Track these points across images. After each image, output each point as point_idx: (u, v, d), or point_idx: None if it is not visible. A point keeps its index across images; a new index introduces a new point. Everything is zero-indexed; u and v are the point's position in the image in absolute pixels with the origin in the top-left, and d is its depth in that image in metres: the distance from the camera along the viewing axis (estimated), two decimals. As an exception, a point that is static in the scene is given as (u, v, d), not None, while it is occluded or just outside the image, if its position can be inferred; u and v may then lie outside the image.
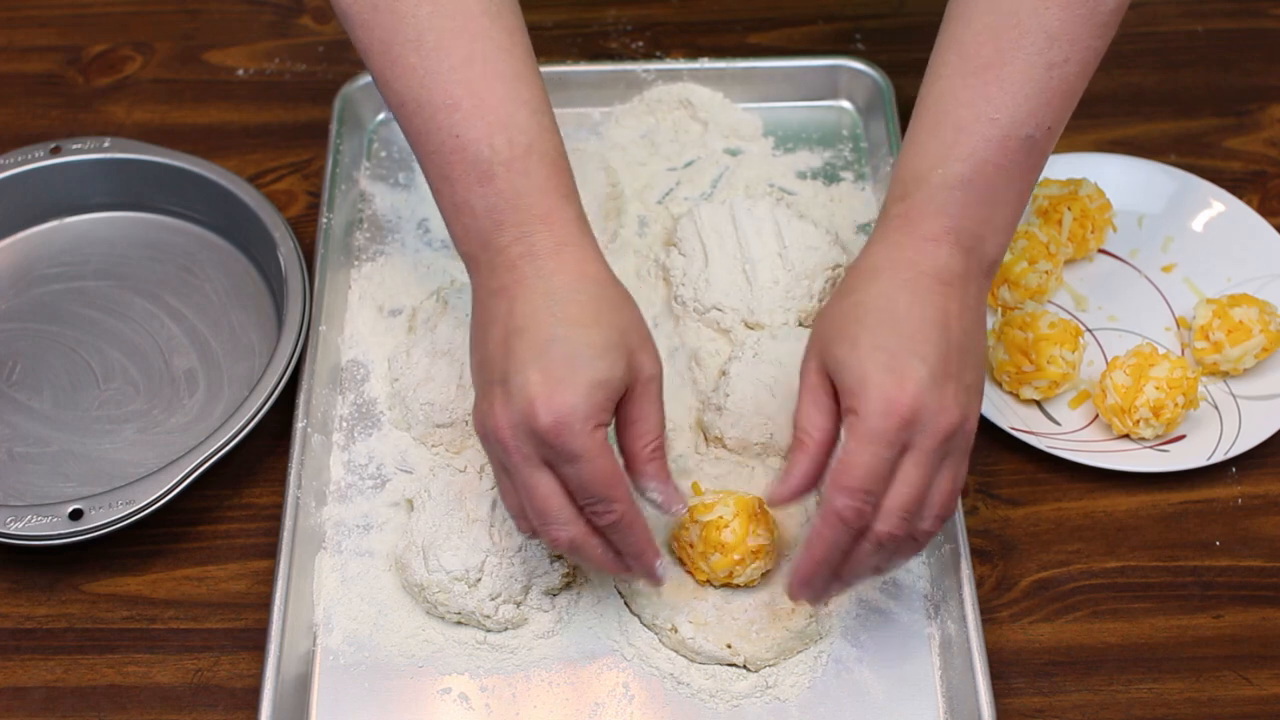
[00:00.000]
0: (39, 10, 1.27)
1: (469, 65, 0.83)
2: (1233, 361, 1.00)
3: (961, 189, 0.80)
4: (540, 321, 0.79)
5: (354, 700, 0.88)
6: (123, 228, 1.11)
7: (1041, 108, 0.81)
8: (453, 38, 0.83)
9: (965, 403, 0.79)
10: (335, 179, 1.09)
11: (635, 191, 1.11)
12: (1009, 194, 0.82)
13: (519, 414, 0.78)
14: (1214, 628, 0.92)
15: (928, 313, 0.79)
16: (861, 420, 0.77)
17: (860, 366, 0.78)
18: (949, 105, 0.82)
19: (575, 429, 0.77)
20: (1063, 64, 0.81)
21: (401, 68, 0.84)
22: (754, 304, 1.01)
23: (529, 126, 0.83)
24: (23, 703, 0.89)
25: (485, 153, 0.82)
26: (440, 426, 0.97)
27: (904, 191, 0.82)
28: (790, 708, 0.87)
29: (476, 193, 0.82)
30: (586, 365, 0.78)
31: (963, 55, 0.82)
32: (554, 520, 0.80)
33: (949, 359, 0.78)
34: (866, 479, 0.77)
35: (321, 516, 0.95)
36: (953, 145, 0.81)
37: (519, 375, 0.78)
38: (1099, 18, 0.81)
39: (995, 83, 0.81)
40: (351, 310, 1.05)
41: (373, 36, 0.85)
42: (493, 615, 0.88)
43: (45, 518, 0.89)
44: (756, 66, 1.16)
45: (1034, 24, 0.80)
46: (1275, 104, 1.19)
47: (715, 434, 0.96)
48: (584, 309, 0.80)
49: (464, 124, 0.82)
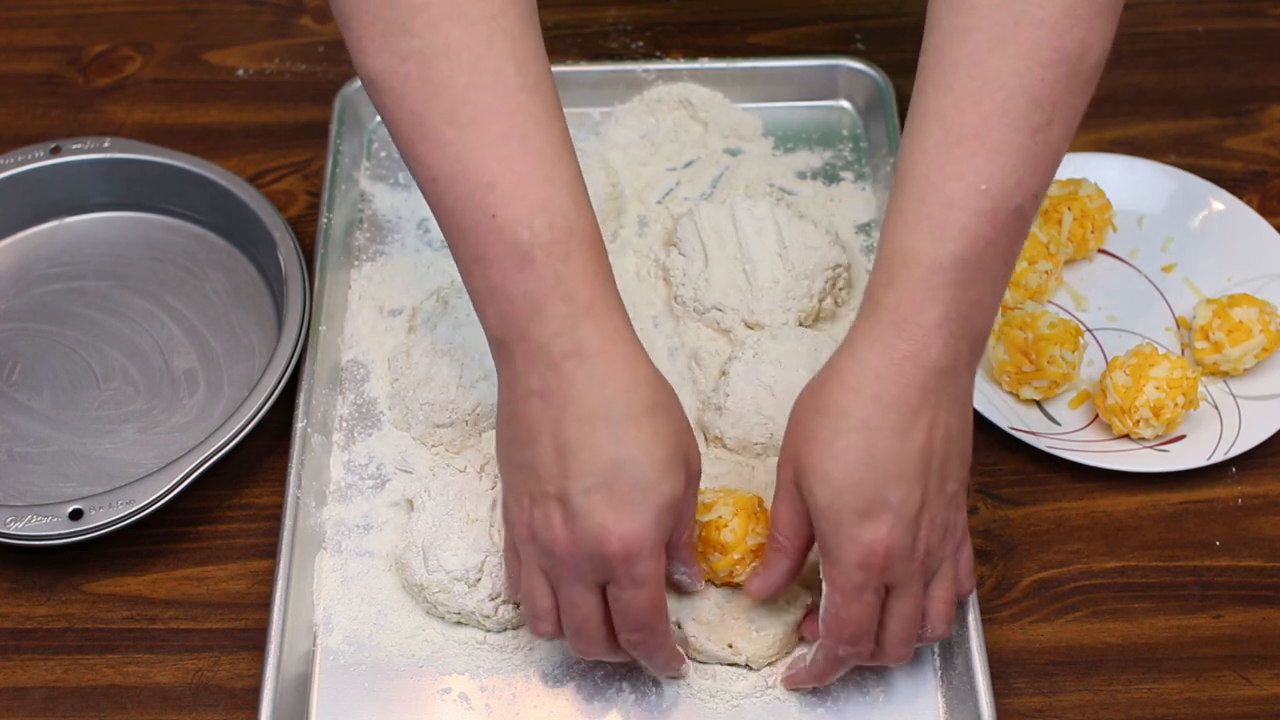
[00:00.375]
0: (39, 10, 1.27)
1: (507, 142, 0.77)
2: (1233, 361, 1.00)
3: (955, 269, 0.76)
4: (599, 439, 0.75)
5: (354, 700, 0.88)
6: (123, 228, 1.11)
7: (1029, 176, 0.77)
8: (490, 112, 0.77)
9: (945, 520, 0.79)
10: (335, 179, 1.09)
11: (635, 191, 1.11)
12: (999, 268, 0.78)
13: (586, 537, 0.76)
14: (1214, 628, 0.92)
15: (910, 443, 0.76)
16: (840, 572, 0.78)
17: (834, 515, 0.77)
18: (935, 178, 0.77)
19: (645, 555, 0.76)
20: (1047, 127, 0.76)
21: (434, 141, 0.78)
22: (754, 304, 1.01)
23: (569, 209, 0.78)
24: (23, 703, 0.89)
25: (524, 235, 0.77)
26: (440, 426, 0.97)
27: (891, 278, 0.77)
28: (790, 708, 0.87)
29: (514, 278, 0.77)
30: (654, 489, 0.76)
31: (944, 124, 0.77)
32: (588, 640, 0.80)
33: (927, 485, 0.77)
34: (858, 629, 0.79)
35: (321, 516, 0.95)
36: (944, 223, 0.76)
37: (582, 498, 0.75)
38: (1081, 75, 0.77)
39: (982, 153, 0.76)
40: (351, 310, 1.05)
41: (403, 107, 0.79)
42: (493, 615, 0.88)
43: (45, 518, 0.89)
44: (756, 66, 1.16)
45: (1017, 86, 0.75)
46: (1275, 104, 1.19)
47: (715, 434, 0.96)
48: (642, 425, 0.76)
49: (501, 204, 0.77)
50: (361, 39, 0.79)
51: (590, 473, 0.75)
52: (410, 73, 0.78)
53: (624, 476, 0.75)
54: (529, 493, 0.79)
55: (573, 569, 0.78)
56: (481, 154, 0.77)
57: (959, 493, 0.81)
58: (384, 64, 0.79)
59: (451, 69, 0.77)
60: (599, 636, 0.80)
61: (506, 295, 0.78)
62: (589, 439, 0.76)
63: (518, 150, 0.78)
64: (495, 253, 0.78)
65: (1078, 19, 0.76)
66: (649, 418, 0.76)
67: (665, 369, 1.00)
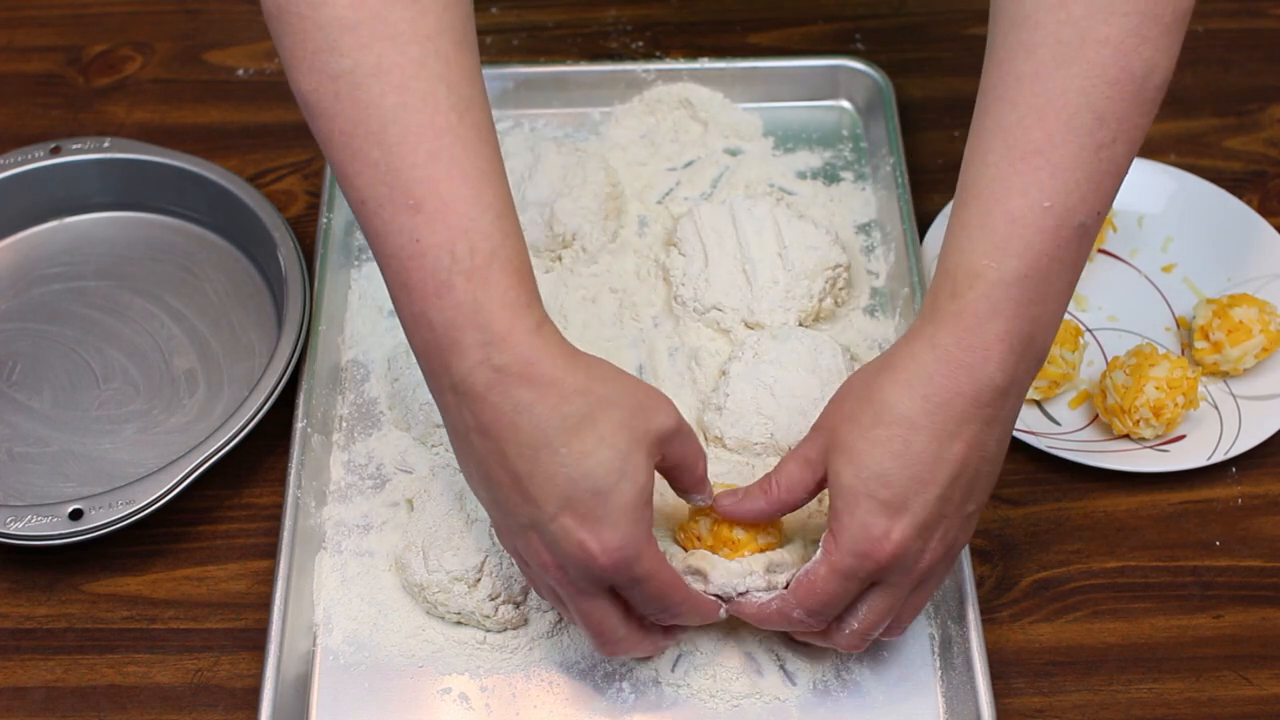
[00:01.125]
0: (39, 10, 1.27)
1: (434, 163, 0.76)
2: (1233, 361, 1.00)
3: (1018, 285, 0.76)
4: (545, 465, 0.75)
5: (354, 700, 0.88)
6: (123, 228, 1.11)
7: (1093, 193, 0.76)
8: (418, 133, 0.76)
9: (954, 538, 0.79)
10: (335, 179, 1.08)
11: (635, 191, 1.11)
12: (1061, 286, 0.77)
13: (571, 559, 0.76)
14: (1214, 628, 0.92)
15: (948, 451, 0.76)
16: (840, 551, 0.78)
17: (854, 497, 0.77)
18: (999, 194, 0.76)
19: (635, 557, 0.76)
20: (1111, 144, 0.76)
21: (362, 162, 0.77)
22: (754, 304, 1.01)
23: (492, 233, 0.76)
24: (23, 703, 0.89)
25: (445, 261, 0.75)
26: (440, 426, 0.96)
27: (955, 289, 0.77)
28: (790, 708, 0.87)
29: (434, 305, 0.76)
30: (616, 492, 0.75)
31: (1008, 140, 0.77)
32: (609, 641, 0.81)
33: (951, 499, 0.77)
34: (827, 605, 0.79)
35: (321, 516, 0.95)
36: (1007, 238, 0.76)
37: (552, 524, 0.75)
38: (1146, 94, 0.77)
39: (1047, 168, 0.76)
40: (351, 310, 1.05)
41: (333, 127, 0.77)
42: (493, 615, 0.88)
43: (45, 518, 0.89)
44: (756, 66, 1.16)
45: (1082, 104, 0.75)
46: (1275, 104, 1.19)
47: (715, 434, 0.96)
48: (583, 436, 0.75)
49: (425, 228, 0.76)
50: (293, 58, 0.78)
51: (550, 498, 0.75)
52: (340, 92, 0.77)
53: (582, 491, 0.75)
54: (507, 526, 0.80)
55: (572, 586, 0.78)
56: (408, 174, 0.76)
57: (975, 515, 0.81)
58: (315, 84, 0.78)
59: (381, 89, 0.76)
60: (624, 635, 0.81)
61: (428, 323, 0.77)
62: (537, 467, 0.75)
63: (444, 172, 0.76)
64: (417, 279, 0.76)
65: (1144, 39, 0.76)
66: (588, 426, 0.75)
67: (665, 369, 1.01)
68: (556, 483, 0.75)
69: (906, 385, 0.77)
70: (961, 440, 0.76)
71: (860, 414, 0.78)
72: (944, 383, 0.76)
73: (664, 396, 0.79)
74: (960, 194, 0.79)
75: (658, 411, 0.78)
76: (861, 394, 0.79)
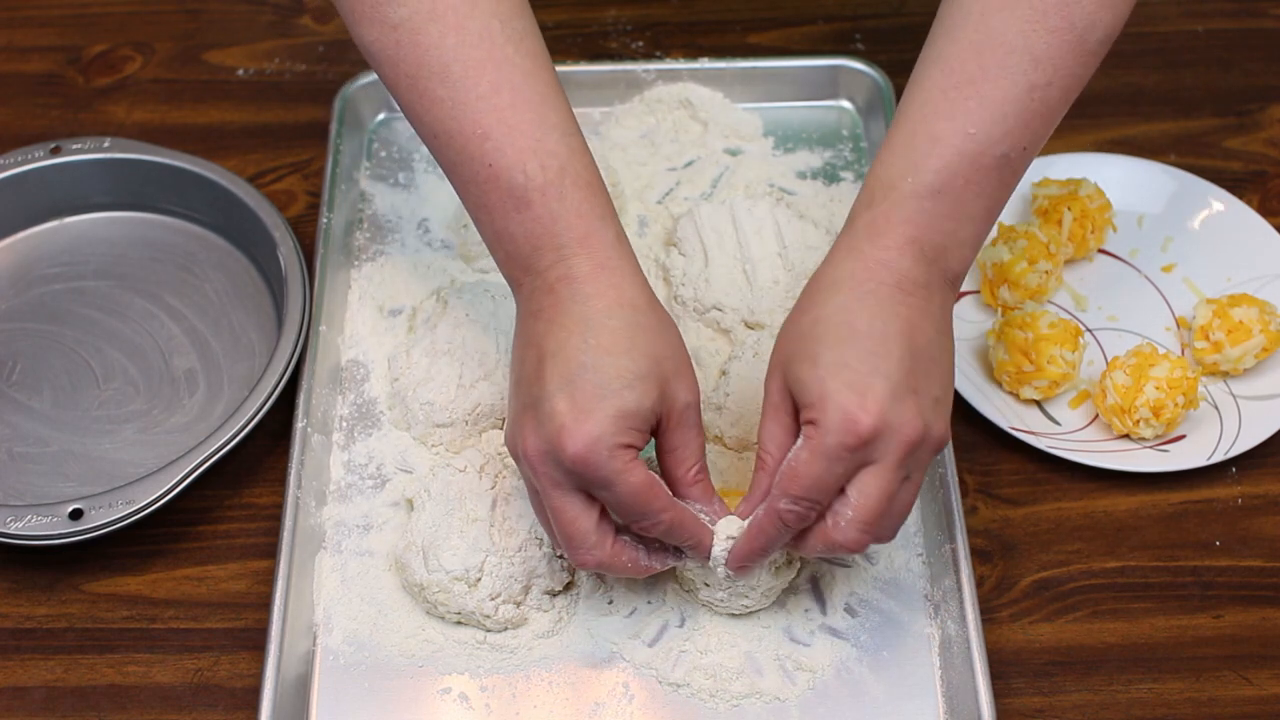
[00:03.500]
0: (39, 10, 1.27)
1: (497, 94, 0.82)
2: (1233, 361, 1.00)
3: (931, 199, 0.80)
4: (572, 347, 0.79)
5: (354, 700, 0.88)
6: (123, 228, 1.11)
7: (1019, 128, 0.80)
8: (478, 67, 0.82)
9: (929, 417, 0.78)
10: (335, 179, 1.09)
11: (635, 191, 1.11)
12: (977, 209, 0.81)
13: (547, 441, 0.78)
14: (1214, 628, 0.92)
15: (890, 326, 0.78)
16: (819, 432, 0.77)
17: (821, 384, 0.77)
18: (926, 117, 0.81)
19: (602, 457, 0.77)
20: (1045, 87, 0.80)
21: (429, 100, 0.83)
22: (754, 304, 1.01)
23: (560, 150, 0.82)
24: (23, 703, 0.89)
25: (519, 179, 0.82)
26: (440, 426, 0.97)
27: (871, 199, 0.82)
28: (790, 708, 0.87)
29: (514, 220, 0.82)
30: (614, 395, 0.78)
31: (945, 70, 0.81)
32: (579, 545, 0.81)
33: (913, 372, 0.78)
34: (811, 489, 0.78)
35: (321, 516, 0.95)
36: (926, 156, 0.80)
37: (548, 402, 0.78)
38: (1086, 45, 0.80)
39: (975, 98, 0.80)
40: (351, 310, 1.05)
41: (399, 71, 0.84)
42: (493, 615, 0.88)
43: (45, 518, 0.89)
44: (756, 66, 1.16)
45: (1020, 45, 0.80)
46: (1275, 104, 1.19)
47: (715, 433, 0.96)
48: (617, 336, 0.79)
49: (496, 152, 0.82)
50: (354, 13, 0.85)
51: (558, 376, 0.78)
52: (401, 39, 0.83)
53: (586, 379, 0.78)
54: (515, 410, 0.82)
55: (547, 476, 0.79)
56: (473, 107, 0.82)
57: (942, 404, 0.80)
58: (376, 34, 0.84)
59: (440, 31, 0.82)
60: (595, 542, 0.81)
61: (509, 237, 0.83)
62: (563, 347, 0.79)
63: (508, 101, 0.82)
64: (495, 200, 0.82)
65: None
66: (625, 333, 0.79)
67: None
68: (570, 366, 0.78)
69: (833, 286, 0.80)
70: (898, 318, 0.78)
71: (799, 325, 0.81)
72: (865, 277, 0.80)
73: (694, 376, 0.83)
74: (894, 118, 0.84)
75: (683, 378, 0.82)
76: (796, 312, 0.82)
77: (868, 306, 0.79)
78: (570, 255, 0.81)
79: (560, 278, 0.81)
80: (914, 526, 0.94)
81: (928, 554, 0.93)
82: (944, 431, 0.80)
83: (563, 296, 0.80)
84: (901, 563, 0.92)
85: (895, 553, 0.93)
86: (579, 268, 0.81)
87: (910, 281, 0.79)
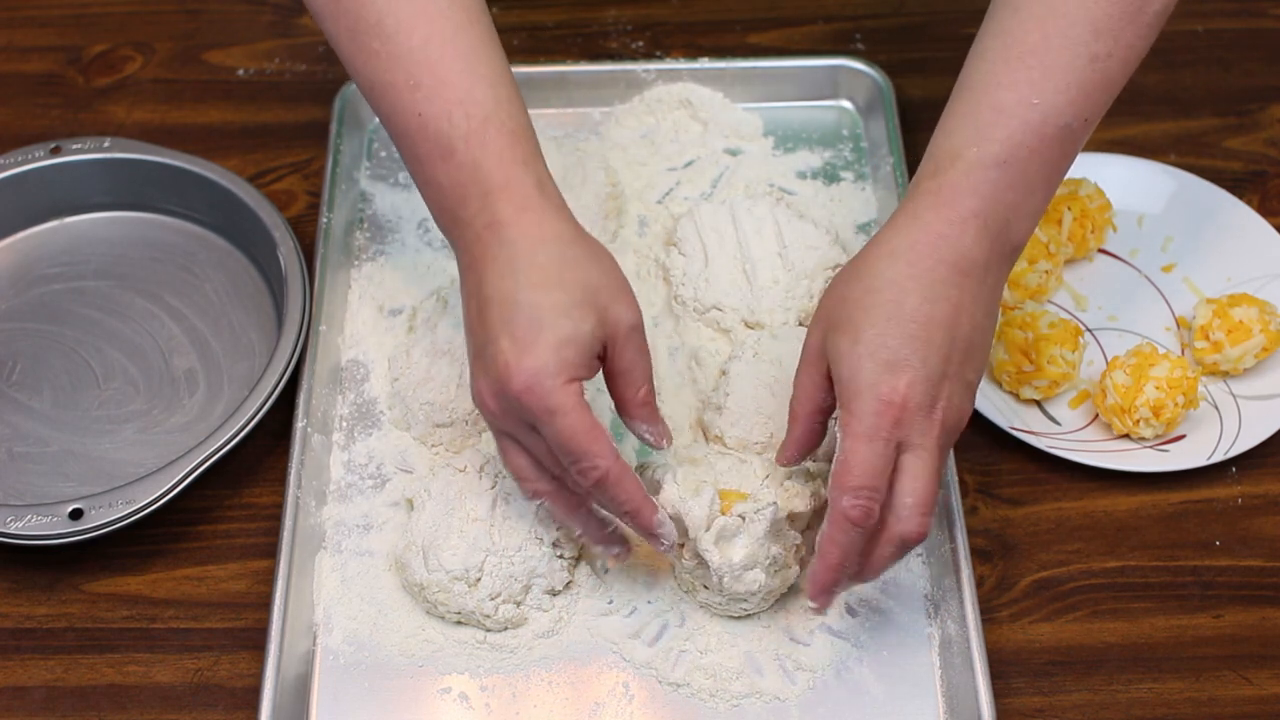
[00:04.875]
0: (39, 10, 1.27)
1: (427, 46, 0.85)
2: (1233, 361, 1.00)
3: (997, 169, 0.80)
4: (505, 289, 0.81)
5: (354, 700, 0.88)
6: (123, 228, 1.11)
7: (1081, 99, 0.81)
8: (410, 19, 0.85)
9: (960, 401, 0.80)
10: (335, 179, 1.09)
11: (635, 191, 1.11)
12: (1040, 181, 0.82)
13: (495, 381, 0.80)
14: (1214, 628, 0.92)
15: (937, 310, 0.79)
16: (855, 418, 0.78)
17: (858, 363, 0.78)
18: (990, 87, 0.82)
19: (546, 386, 0.79)
20: (1106, 58, 0.81)
21: (367, 54, 0.86)
22: (754, 304, 1.01)
23: (486, 99, 0.84)
24: (23, 703, 0.89)
25: (444, 128, 0.84)
26: (440, 426, 0.97)
27: (937, 168, 0.82)
28: (790, 708, 0.87)
29: (441, 169, 0.84)
30: (550, 326, 0.79)
31: (1007, 41, 0.82)
32: (529, 480, 0.84)
33: (950, 358, 0.79)
34: (866, 475, 0.78)
35: (321, 516, 0.95)
36: (991, 126, 0.81)
37: (492, 345, 0.80)
38: (1144, 18, 0.82)
39: (1039, 68, 0.81)
40: (351, 310, 1.05)
41: (339, 26, 0.87)
42: (493, 615, 0.88)
43: (45, 517, 0.89)
44: (756, 66, 1.16)
45: (1081, 15, 0.81)
46: (1275, 104, 1.19)
47: (715, 433, 0.96)
48: (546, 271, 0.81)
49: (425, 102, 0.84)
50: None
51: (497, 319, 0.80)
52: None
53: (522, 316, 0.80)
54: (471, 361, 0.84)
55: (499, 419, 0.82)
56: (405, 59, 0.85)
57: (974, 386, 0.81)
58: None
59: None
60: (537, 477, 0.83)
61: (438, 186, 0.85)
62: (498, 290, 0.81)
63: (437, 53, 0.85)
64: (424, 149, 0.85)
65: None
66: (554, 267, 0.81)
67: (665, 369, 1.01)
68: (506, 307, 0.80)
69: (891, 256, 0.81)
70: (949, 302, 0.79)
71: (850, 290, 0.81)
72: (926, 250, 0.80)
73: (634, 299, 0.84)
74: (956, 88, 0.84)
75: (621, 302, 0.83)
76: (850, 275, 0.82)
77: (920, 287, 0.79)
78: (494, 202, 0.83)
79: (486, 224, 0.82)
80: (914, 526, 0.94)
81: (928, 554, 0.93)
82: (968, 412, 0.81)
83: (490, 243, 0.82)
84: (901, 563, 0.92)
85: (895, 553, 0.93)
86: (502, 212, 0.82)
87: (969, 261, 0.79)
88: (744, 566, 0.85)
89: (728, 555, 0.85)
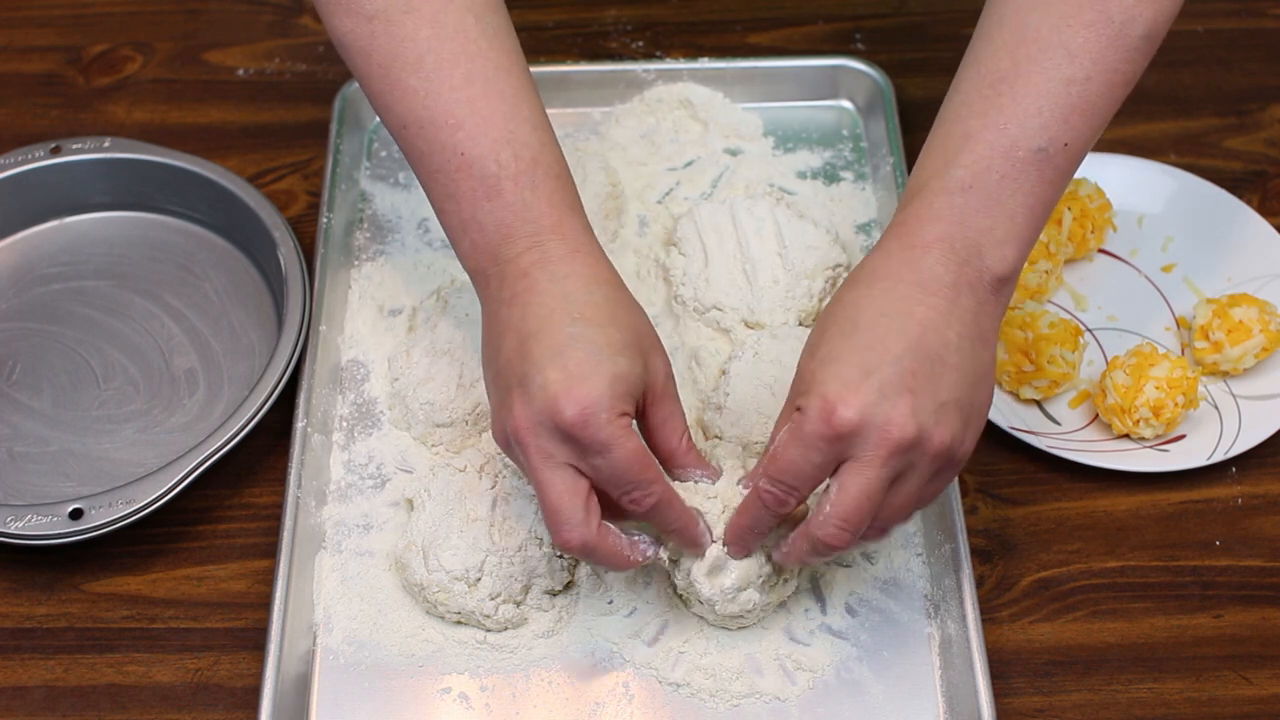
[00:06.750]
0: (39, 10, 1.27)
1: (470, 85, 0.84)
2: (1233, 361, 1.00)
3: (961, 195, 0.79)
4: (556, 322, 0.79)
5: (354, 700, 0.88)
6: (123, 228, 1.11)
7: (1056, 123, 0.79)
8: (452, 59, 0.84)
9: (926, 420, 0.75)
10: (335, 179, 1.09)
11: (635, 191, 1.11)
12: (1015, 205, 0.79)
13: (540, 411, 0.78)
14: (1214, 628, 0.92)
15: (895, 323, 0.77)
16: (801, 419, 0.77)
17: (811, 374, 0.78)
18: (961, 117, 0.81)
19: (601, 419, 0.77)
20: (1083, 81, 0.79)
21: (402, 90, 0.84)
22: (754, 304, 1.01)
23: (532, 141, 0.84)
24: (23, 702, 0.89)
25: (492, 168, 0.83)
26: (440, 426, 0.97)
27: (905, 200, 0.82)
28: (790, 708, 0.87)
29: (484, 208, 0.83)
30: (607, 360, 0.78)
31: (980, 70, 0.81)
32: (565, 522, 0.79)
33: (914, 371, 0.76)
34: (786, 473, 0.78)
35: (321, 516, 0.95)
36: (958, 153, 0.80)
37: (538, 375, 0.78)
38: (1126, 41, 0.80)
39: (1008, 94, 0.80)
40: (351, 310, 1.05)
41: (372, 62, 0.85)
42: (493, 615, 0.88)
43: (45, 517, 0.89)
44: (756, 66, 1.16)
45: (1054, 40, 0.79)
46: (1275, 104, 1.19)
47: (715, 433, 0.96)
48: (599, 309, 0.80)
49: (468, 141, 0.83)
50: (329, 1, 0.86)
51: (545, 350, 0.79)
52: (376, 30, 0.85)
53: (577, 349, 0.78)
54: (497, 399, 0.82)
55: (538, 451, 0.78)
56: (447, 98, 0.84)
57: (952, 410, 0.77)
58: (351, 25, 0.85)
59: (415, 23, 0.84)
60: (577, 519, 0.79)
61: (478, 225, 0.83)
62: (546, 323, 0.80)
63: (480, 93, 0.84)
64: (465, 188, 0.83)
65: None
66: (607, 306, 0.81)
67: (665, 369, 1.00)
68: (557, 338, 0.79)
69: (853, 282, 0.81)
70: (914, 319, 0.77)
71: (820, 320, 0.81)
72: (885, 274, 0.79)
73: (665, 352, 0.84)
74: (934, 122, 0.84)
75: (658, 352, 0.83)
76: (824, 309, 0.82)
77: (876, 302, 0.78)
78: (544, 241, 0.82)
79: (534, 262, 0.81)
80: (914, 526, 0.94)
81: (928, 554, 0.93)
82: (951, 439, 0.77)
83: (538, 279, 0.81)
84: (901, 563, 0.92)
85: (895, 553, 0.93)
86: (554, 251, 0.82)
87: (934, 281, 0.78)
88: (737, 588, 0.85)
89: (719, 583, 0.85)
